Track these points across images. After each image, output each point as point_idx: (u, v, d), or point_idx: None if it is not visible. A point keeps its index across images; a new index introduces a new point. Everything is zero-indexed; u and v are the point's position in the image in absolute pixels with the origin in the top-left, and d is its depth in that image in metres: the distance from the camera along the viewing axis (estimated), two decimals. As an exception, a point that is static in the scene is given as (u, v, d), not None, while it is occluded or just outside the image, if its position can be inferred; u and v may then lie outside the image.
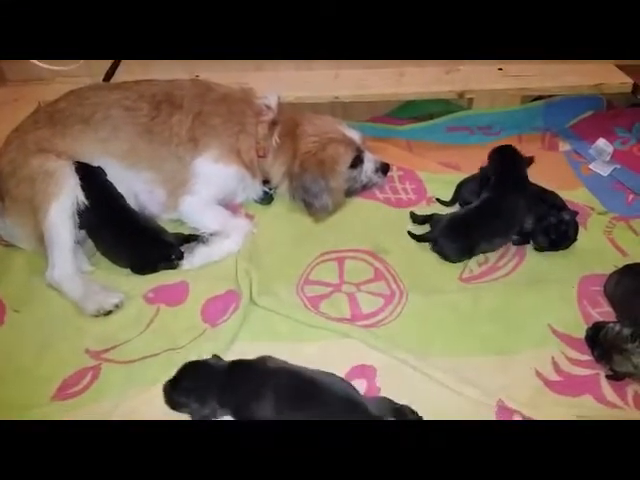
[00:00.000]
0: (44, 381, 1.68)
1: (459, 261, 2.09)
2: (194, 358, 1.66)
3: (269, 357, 1.63)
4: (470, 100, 2.87)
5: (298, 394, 1.52)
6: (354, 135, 2.27)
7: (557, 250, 2.10)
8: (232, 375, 1.56)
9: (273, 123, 2.23)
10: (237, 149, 2.21)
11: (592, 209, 2.32)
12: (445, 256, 2.09)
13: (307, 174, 2.15)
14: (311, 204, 2.18)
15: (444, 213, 2.22)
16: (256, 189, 2.35)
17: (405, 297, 1.96)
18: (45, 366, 1.73)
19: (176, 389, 1.53)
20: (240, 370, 1.58)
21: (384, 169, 2.35)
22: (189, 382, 1.54)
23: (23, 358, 1.76)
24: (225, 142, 2.19)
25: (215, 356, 1.64)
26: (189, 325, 1.86)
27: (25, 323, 1.88)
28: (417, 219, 2.25)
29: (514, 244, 2.16)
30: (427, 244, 2.15)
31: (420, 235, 2.16)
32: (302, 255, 2.13)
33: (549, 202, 2.17)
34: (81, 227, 2.05)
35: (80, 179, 2.04)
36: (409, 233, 2.18)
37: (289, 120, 2.25)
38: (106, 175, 2.13)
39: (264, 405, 1.49)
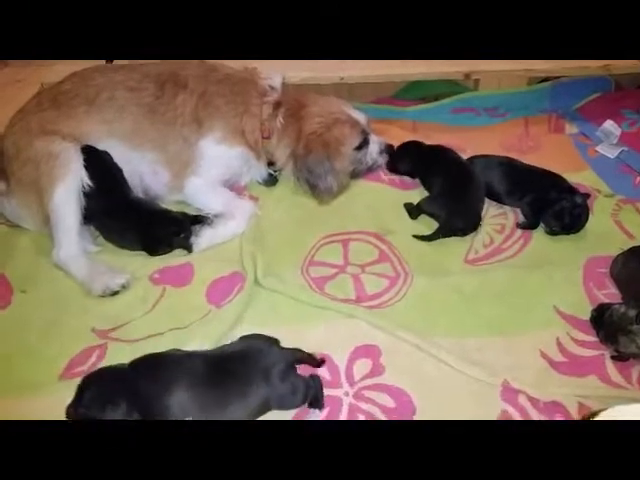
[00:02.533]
0: (51, 360, 1.69)
1: (475, 229, 2.12)
2: (199, 339, 1.67)
3: (175, 350, 1.62)
4: (476, 81, 2.84)
5: (210, 373, 1.52)
6: (359, 116, 2.26)
7: (569, 234, 2.09)
8: (137, 372, 1.52)
9: (277, 104, 2.21)
10: (241, 130, 2.20)
11: (598, 191, 2.30)
12: (462, 233, 2.11)
13: (311, 155, 2.14)
14: (315, 186, 2.18)
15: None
16: (260, 171, 2.34)
17: (410, 278, 1.96)
18: (52, 345, 1.75)
19: (78, 405, 1.44)
20: (145, 366, 1.54)
21: (389, 151, 2.34)
22: (90, 393, 1.45)
23: (30, 338, 1.77)
24: (229, 123, 2.18)
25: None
26: (194, 306, 1.87)
27: (32, 303, 1.89)
28: (411, 212, 2.22)
29: (519, 227, 2.15)
30: (431, 226, 2.15)
31: (429, 236, 2.11)
32: (306, 237, 2.12)
33: (559, 186, 2.16)
34: (87, 221, 2.06)
35: (85, 163, 2.03)
36: (417, 237, 2.12)
37: (294, 101, 2.24)
38: (112, 159, 2.12)
39: (177, 393, 1.48)
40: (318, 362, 1.65)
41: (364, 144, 2.26)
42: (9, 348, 1.75)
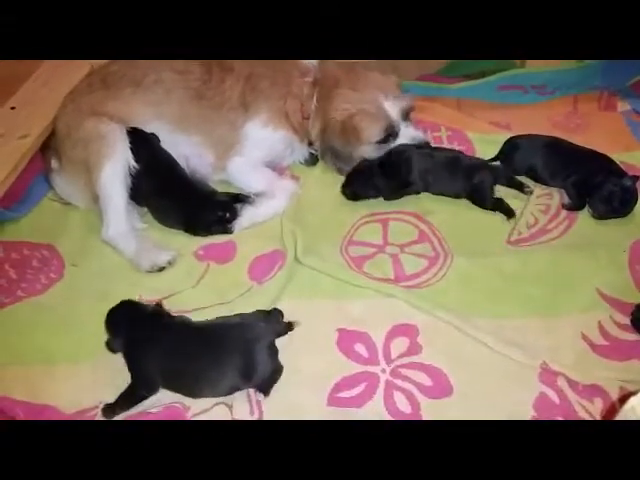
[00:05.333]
0: (101, 331, 1.75)
1: None
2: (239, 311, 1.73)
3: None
4: (523, 58, 2.76)
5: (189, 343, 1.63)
6: (393, 107, 2.15)
7: (616, 217, 2.03)
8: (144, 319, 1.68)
9: (314, 83, 2.20)
10: (285, 112, 2.20)
11: (650, 172, 2.22)
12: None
13: (335, 139, 2.14)
14: (340, 169, 2.21)
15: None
16: (303, 151, 2.35)
17: (450, 259, 1.95)
18: (101, 317, 1.79)
19: (109, 319, 1.68)
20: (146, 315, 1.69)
21: (424, 146, 2.22)
22: (114, 316, 1.69)
23: (81, 309, 1.86)
24: (274, 105, 2.20)
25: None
26: (237, 282, 1.92)
27: (82, 276, 1.98)
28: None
29: (565, 208, 2.11)
30: (472, 206, 2.13)
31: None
32: (346, 216, 2.14)
33: (605, 168, 2.09)
34: (134, 198, 2.12)
35: (131, 146, 2.08)
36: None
37: (330, 79, 2.19)
38: (159, 141, 2.17)
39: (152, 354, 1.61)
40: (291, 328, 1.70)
41: (390, 138, 2.17)
42: (61, 318, 1.84)
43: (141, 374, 1.61)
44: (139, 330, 1.64)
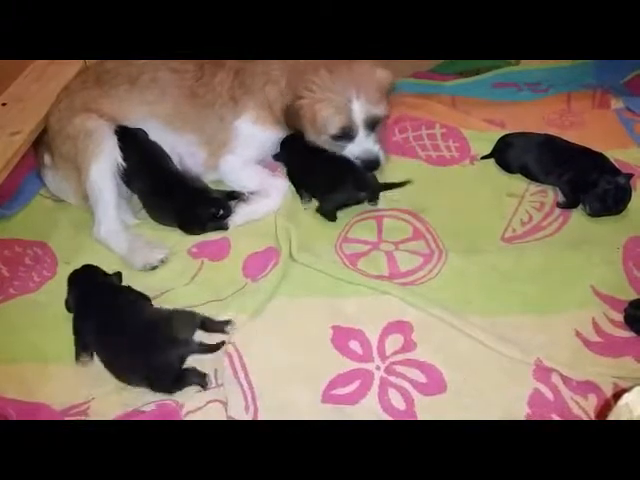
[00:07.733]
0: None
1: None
2: (235, 311, 1.72)
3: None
4: (518, 55, 2.76)
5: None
6: (359, 110, 2.03)
7: (610, 215, 2.03)
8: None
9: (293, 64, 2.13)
10: (268, 103, 2.15)
11: (643, 169, 2.23)
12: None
13: (297, 121, 2.09)
14: None
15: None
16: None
17: (445, 256, 1.95)
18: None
19: (69, 277, 1.84)
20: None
21: (368, 164, 2.12)
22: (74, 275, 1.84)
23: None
24: (259, 102, 2.16)
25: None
26: (231, 279, 1.91)
27: (75, 274, 1.96)
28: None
29: (559, 207, 2.11)
30: (467, 204, 2.12)
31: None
32: (340, 213, 2.12)
33: (599, 166, 2.09)
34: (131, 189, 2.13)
35: (121, 145, 2.08)
36: None
37: (309, 66, 2.08)
38: (148, 136, 2.16)
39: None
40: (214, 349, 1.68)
41: (341, 139, 2.10)
42: (54, 316, 1.83)
43: (75, 331, 1.71)
44: (87, 292, 1.77)
